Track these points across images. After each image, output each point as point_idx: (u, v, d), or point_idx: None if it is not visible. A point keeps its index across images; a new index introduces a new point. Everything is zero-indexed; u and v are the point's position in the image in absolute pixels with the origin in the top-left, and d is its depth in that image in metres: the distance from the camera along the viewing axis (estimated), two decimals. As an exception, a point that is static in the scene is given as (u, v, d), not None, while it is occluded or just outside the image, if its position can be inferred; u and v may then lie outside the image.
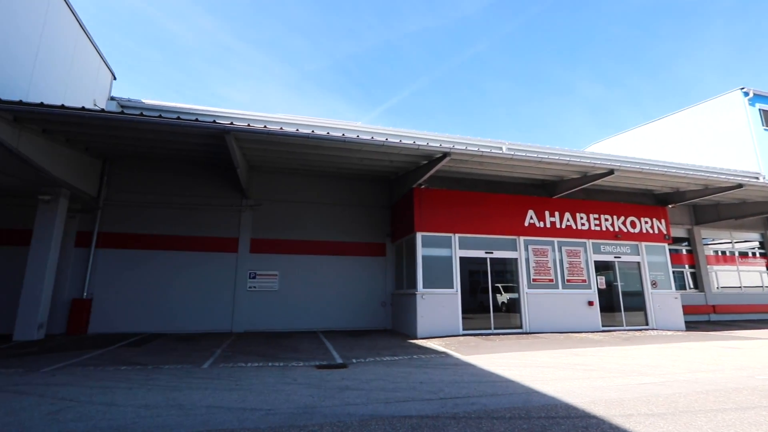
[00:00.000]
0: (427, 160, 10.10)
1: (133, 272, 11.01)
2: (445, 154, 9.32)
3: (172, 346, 8.53)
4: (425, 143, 9.17)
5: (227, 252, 11.70)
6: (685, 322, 12.65)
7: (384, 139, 8.93)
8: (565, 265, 11.78)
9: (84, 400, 4.46)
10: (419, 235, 10.65)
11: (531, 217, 11.78)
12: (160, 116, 7.99)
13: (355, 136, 8.78)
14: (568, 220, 12.12)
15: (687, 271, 16.43)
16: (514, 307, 11.29)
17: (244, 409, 4.19)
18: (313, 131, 8.58)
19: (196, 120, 8.02)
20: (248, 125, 8.30)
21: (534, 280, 11.38)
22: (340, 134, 8.68)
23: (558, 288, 11.53)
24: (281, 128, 8.44)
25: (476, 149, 9.51)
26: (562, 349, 8.29)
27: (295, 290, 11.92)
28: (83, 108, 7.54)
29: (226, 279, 11.53)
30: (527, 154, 10.05)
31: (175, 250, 11.38)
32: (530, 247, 11.61)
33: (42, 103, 7.29)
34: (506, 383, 5.41)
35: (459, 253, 10.92)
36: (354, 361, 7.02)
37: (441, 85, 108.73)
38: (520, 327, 10.98)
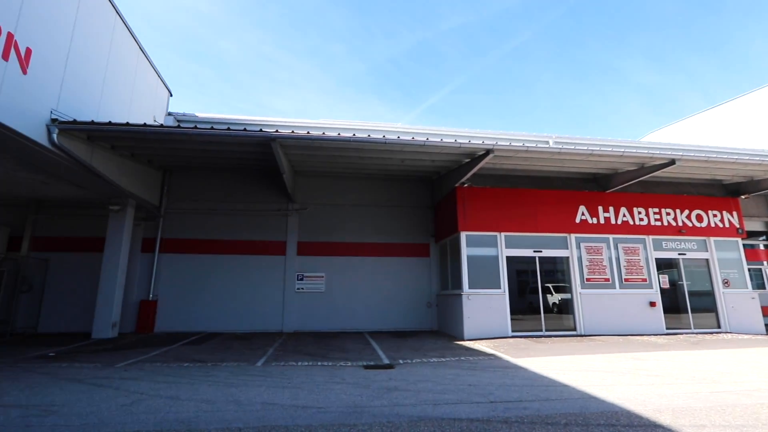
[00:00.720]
0: (470, 158, 9.92)
1: (191, 275, 11.77)
2: (487, 151, 9.10)
3: (228, 344, 9.00)
4: (467, 141, 9.01)
5: (276, 255, 12.17)
6: (766, 325, 11.43)
7: (425, 138, 8.88)
8: (623, 263, 11.07)
9: (152, 393, 4.82)
10: (463, 235, 10.47)
11: (582, 214, 11.19)
12: (212, 128, 8.48)
13: (395, 137, 8.81)
14: (624, 216, 11.38)
15: (766, 268, 14.83)
16: (566, 308, 10.77)
17: (297, 407, 4.33)
18: (354, 134, 8.72)
19: (244, 130, 8.42)
20: (292, 132, 8.60)
21: (588, 279, 10.80)
22: (380, 136, 8.75)
23: (615, 288, 10.85)
24: (323, 133, 8.65)
25: (521, 144, 9.19)
26: (622, 353, 7.79)
27: (341, 291, 12.16)
28: (144, 124, 8.20)
29: (275, 281, 12.00)
30: (576, 147, 9.56)
31: (228, 254, 12.02)
32: (582, 245, 11.03)
33: (110, 122, 8.01)
34: (560, 388, 5.18)
35: (505, 252, 10.60)
36: (401, 361, 7.03)
37: (481, 81, 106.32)
38: (574, 329, 10.46)
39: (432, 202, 13.12)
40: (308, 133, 8.61)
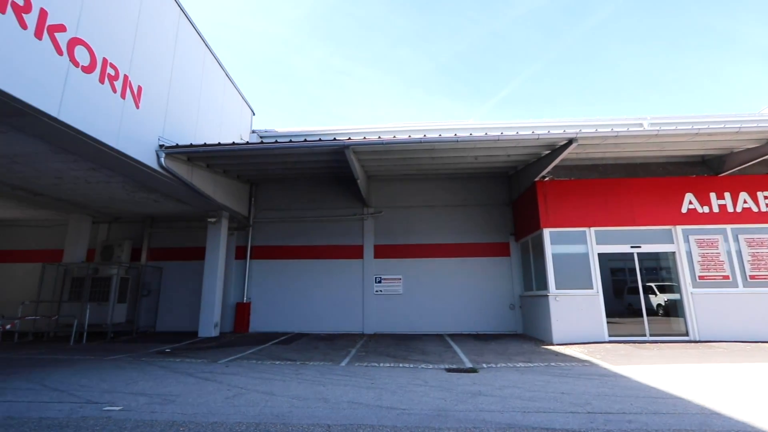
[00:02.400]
0: (550, 149, 9.27)
1: (278, 279, 12.64)
2: (570, 141, 8.42)
3: (314, 344, 9.46)
4: (545, 131, 8.43)
5: (354, 258, 12.55)
6: None
7: (499, 133, 8.50)
8: (746, 257, 9.44)
9: (250, 388, 5.23)
10: (547, 232, 9.79)
11: (690, 202, 9.79)
12: (290, 141, 9.04)
13: (467, 134, 8.56)
14: (745, 202, 9.72)
15: None
16: (674, 310, 9.49)
17: (381, 407, 4.36)
18: (424, 135, 8.66)
19: (319, 140, 8.84)
20: (364, 138, 8.81)
21: (701, 277, 9.40)
22: (451, 135, 8.57)
23: (737, 286, 9.29)
24: (394, 136, 8.74)
25: (609, 130, 8.35)
26: (752, 363, 6.61)
27: (419, 293, 12.12)
28: (233, 143, 9.03)
29: (355, 283, 12.37)
30: (678, 128, 8.41)
31: (310, 259, 12.69)
32: (692, 238, 9.64)
33: (205, 143, 8.95)
34: (672, 400, 4.54)
35: (596, 249, 9.67)
36: (484, 366, 6.76)
37: (558, 67, 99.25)
38: (686, 334, 9.16)
39: (509, 199, 12.51)
40: (379, 137, 8.75)
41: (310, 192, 13.12)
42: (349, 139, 8.73)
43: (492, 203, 12.59)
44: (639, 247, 9.73)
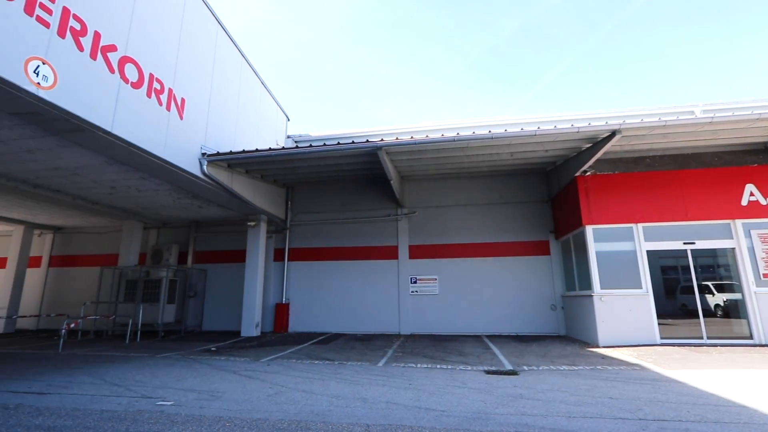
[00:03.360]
0: (591, 142, 8.87)
1: (315, 280, 12.90)
2: (613, 133, 8.02)
3: (351, 345, 9.57)
4: (586, 124, 8.07)
5: (389, 259, 12.58)
6: None
7: (535, 128, 8.23)
8: (819, 253, 8.58)
9: (291, 386, 5.36)
10: (589, 229, 9.36)
11: (751, 194, 9.03)
12: (324, 144, 9.21)
13: (502, 130, 8.35)
14: (816, 192, 8.85)
15: None
16: (735, 310, 8.78)
17: (419, 408, 4.34)
18: (457, 133, 8.54)
19: (352, 142, 8.94)
20: (396, 139, 8.81)
21: (765, 275, 8.64)
22: (486, 131, 8.40)
23: (809, 285, 8.46)
24: (426, 136, 8.67)
25: (656, 120, 7.86)
26: (830, 370, 5.99)
27: (455, 294, 11.95)
28: (270, 149, 9.30)
29: (390, 284, 12.39)
30: (735, 114, 7.78)
31: (345, 260, 12.85)
32: (754, 233, 8.88)
33: (243, 150, 9.29)
34: (735, 408, 4.19)
35: (645, 246, 9.13)
36: (525, 368, 6.55)
37: (597, 57, 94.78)
38: (749, 337, 8.45)
39: (548, 196, 12.07)
40: (411, 137, 8.72)
41: (344, 194, 13.29)
42: (382, 140, 8.77)
43: (530, 200, 12.21)
44: (693, 243, 9.08)
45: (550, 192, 11.95)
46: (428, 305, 12.02)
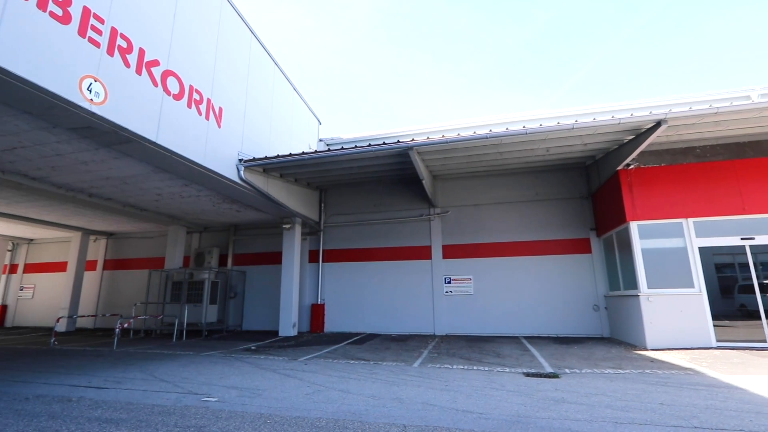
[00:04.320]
0: (634, 134, 8.42)
1: (349, 281, 13.04)
2: (658, 123, 7.57)
3: (386, 345, 9.59)
4: (627, 115, 7.67)
5: (422, 259, 12.51)
6: None
7: (573, 121, 7.91)
8: None
9: (328, 386, 5.44)
10: (634, 225, 8.89)
11: (818, 184, 8.25)
12: (355, 146, 9.30)
13: (537, 125, 8.10)
14: None
15: None
16: (804, 311, 8.04)
17: (456, 410, 4.27)
18: (490, 130, 8.36)
19: (383, 143, 8.96)
20: (427, 138, 8.75)
21: (839, 272, 7.86)
22: (520, 127, 8.17)
23: None
24: (458, 134, 8.55)
25: (706, 107, 7.35)
26: None
27: (491, 294, 11.71)
28: (303, 152, 9.51)
29: (424, 284, 12.32)
30: (798, 96, 7.13)
31: (379, 261, 12.90)
32: (824, 226, 8.11)
33: (278, 155, 9.55)
34: (810, 419, 3.83)
35: (696, 242, 8.56)
36: (567, 371, 6.31)
37: (637, 44, 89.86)
38: (822, 340, 7.71)
39: (588, 192, 11.58)
40: (443, 136, 8.64)
41: (376, 195, 13.36)
42: (413, 140, 8.74)
43: (568, 197, 11.76)
44: (752, 238, 8.41)
45: (590, 188, 11.46)
46: (463, 306, 11.84)
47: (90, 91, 5.62)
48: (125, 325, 10.77)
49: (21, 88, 5.02)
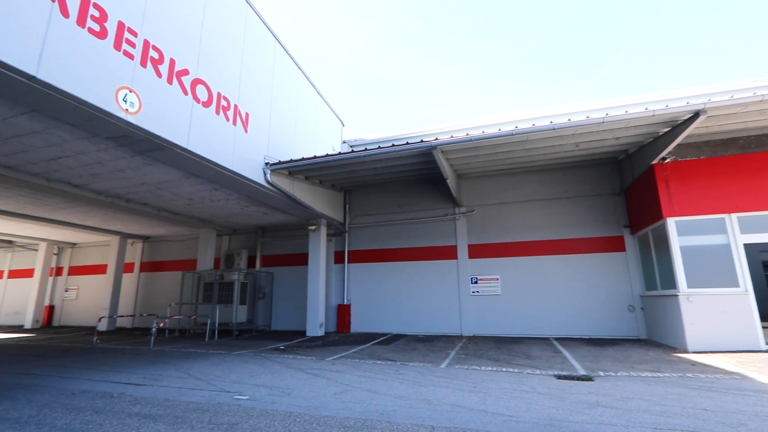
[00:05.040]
0: (669, 126, 8.05)
1: (374, 281, 13.08)
2: (696, 113, 7.20)
3: (412, 346, 9.56)
4: (662, 106, 7.34)
5: (448, 259, 12.39)
6: None
7: (603, 114, 7.64)
8: None
9: (355, 386, 5.47)
10: (671, 222, 8.48)
11: None
12: (378, 147, 9.32)
13: (565, 120, 7.86)
14: None
15: None
16: None
17: (486, 412, 4.20)
18: (516, 127, 8.19)
19: (406, 143, 8.94)
20: (451, 137, 8.67)
21: None
22: (547, 122, 7.96)
23: None
24: (482, 132, 8.42)
25: (750, 95, 6.93)
26: None
27: (519, 294, 11.45)
28: (327, 154, 9.61)
29: (450, 285, 12.20)
30: None
31: (404, 261, 12.88)
32: None
33: (302, 157, 9.71)
34: None
35: (741, 238, 8.07)
36: (601, 374, 6.09)
37: (671, 32, 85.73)
38: None
39: (621, 187, 11.14)
40: (467, 134, 8.53)
41: (400, 195, 13.35)
42: (436, 139, 8.67)
43: (599, 193, 11.35)
44: (804, 234, 7.85)
45: (623, 183, 11.02)
46: (491, 306, 11.64)
47: (125, 101, 5.89)
48: (161, 325, 11.22)
49: (64, 102, 5.32)
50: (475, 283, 11.91)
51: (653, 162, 8.80)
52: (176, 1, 7.04)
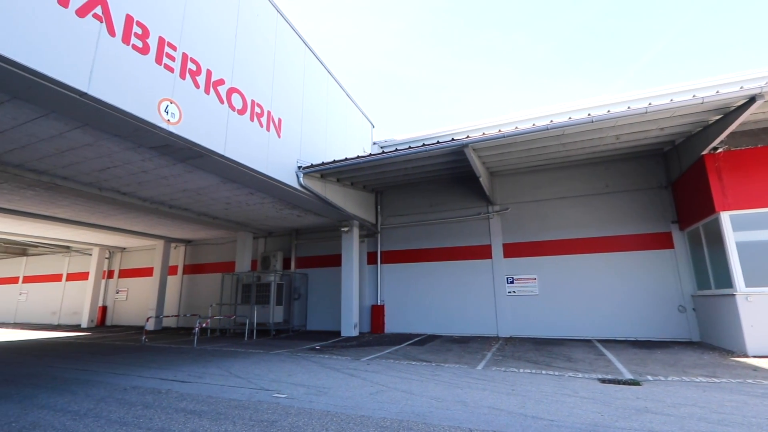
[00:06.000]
0: (721, 113, 7.51)
1: (408, 281, 13.04)
2: (751, 99, 6.69)
3: (447, 347, 9.44)
4: (712, 92, 6.85)
5: (482, 259, 12.16)
6: None
7: (646, 104, 7.24)
8: None
9: (391, 386, 5.47)
10: (725, 216, 7.90)
11: None
12: (409, 147, 9.29)
13: (604, 111, 7.51)
14: None
15: None
16: None
17: (525, 416, 4.08)
18: (551, 121, 7.91)
19: (437, 142, 8.86)
20: (482, 134, 8.50)
21: None
22: (584, 115, 7.64)
23: None
24: (516, 127, 8.20)
25: (813, 75, 6.34)
26: None
27: (558, 294, 11.05)
28: (358, 156, 9.69)
29: (485, 285, 11.96)
30: None
31: (437, 261, 12.76)
32: None
33: (334, 160, 9.83)
34: None
35: (807, 233, 7.39)
36: (649, 378, 5.76)
37: (717, 14, 79.99)
38: None
39: (667, 181, 10.51)
40: (499, 131, 8.33)
41: (432, 195, 13.25)
42: (467, 137, 8.54)
43: (643, 187, 10.76)
44: None
45: (669, 176, 10.40)
46: (528, 306, 11.31)
47: (167, 112, 6.19)
48: (203, 325, 11.71)
49: (112, 115, 5.67)
50: (511, 283, 11.61)
51: (703, 153, 8.24)
52: (211, 14, 7.34)
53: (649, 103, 7.22)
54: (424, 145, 9.02)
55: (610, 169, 11.15)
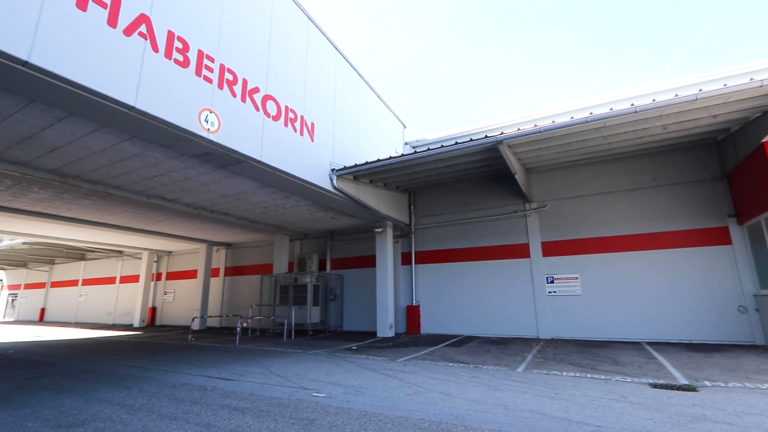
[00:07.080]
0: (782, 96, 6.89)
1: (443, 282, 12.89)
2: (819, 78, 6.07)
3: (485, 348, 9.25)
4: (772, 74, 6.30)
5: (520, 258, 11.82)
6: None
7: (696, 90, 6.77)
8: None
9: (428, 387, 5.42)
10: (790, 208, 7.24)
11: None
12: (441, 146, 9.19)
13: (649, 100, 7.10)
14: None
15: None
16: None
17: (570, 421, 3.91)
18: (591, 113, 7.58)
19: (470, 140, 8.71)
20: (518, 130, 8.27)
21: None
22: (627, 105, 7.26)
23: None
24: (553, 121, 7.92)
25: None
26: None
27: (603, 294, 10.54)
28: (390, 157, 9.71)
29: (523, 284, 11.62)
30: None
31: (472, 261, 12.54)
32: None
33: (366, 161, 9.90)
34: None
35: None
36: (707, 384, 5.37)
37: (779, -13, 73.28)
38: None
39: (722, 171, 9.78)
40: (535, 126, 8.07)
41: (466, 193, 13.04)
42: (502, 133, 8.33)
43: (695, 179, 10.07)
44: None
45: (725, 166, 9.66)
46: (570, 307, 10.86)
47: (207, 121, 6.48)
48: (244, 325, 12.13)
49: (157, 126, 6.00)
50: (552, 282, 11.20)
51: (764, 140, 7.59)
52: (246, 25, 7.60)
53: (700, 89, 6.74)
54: (456, 143, 8.90)
55: (656, 161, 10.52)
